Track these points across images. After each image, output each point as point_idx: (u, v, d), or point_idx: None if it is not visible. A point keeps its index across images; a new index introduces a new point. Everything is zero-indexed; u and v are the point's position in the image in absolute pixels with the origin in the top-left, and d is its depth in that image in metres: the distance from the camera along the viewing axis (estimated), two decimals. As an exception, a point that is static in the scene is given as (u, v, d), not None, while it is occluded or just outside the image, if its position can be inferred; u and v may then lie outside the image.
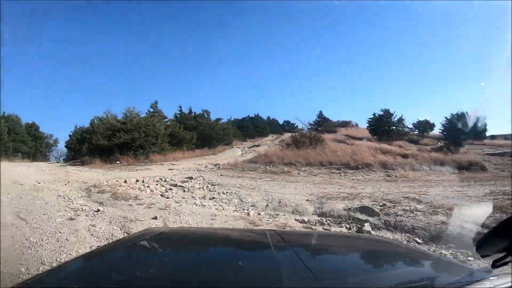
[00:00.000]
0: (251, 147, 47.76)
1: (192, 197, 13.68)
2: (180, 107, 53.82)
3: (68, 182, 16.91)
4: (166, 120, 43.12)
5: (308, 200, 12.20)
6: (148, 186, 16.29)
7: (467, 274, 1.85)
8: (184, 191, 15.18)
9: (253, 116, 73.23)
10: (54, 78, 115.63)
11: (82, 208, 10.85)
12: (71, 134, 68.82)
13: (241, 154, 39.80)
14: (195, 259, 2.17)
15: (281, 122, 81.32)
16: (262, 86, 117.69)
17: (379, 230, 8.99)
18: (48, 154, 76.79)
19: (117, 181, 17.57)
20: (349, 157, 25.16)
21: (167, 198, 13.26)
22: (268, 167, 24.12)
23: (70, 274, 1.76)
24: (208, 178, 19.26)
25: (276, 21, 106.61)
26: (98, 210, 10.47)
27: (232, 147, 50.33)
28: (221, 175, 21.10)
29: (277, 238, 2.56)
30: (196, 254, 2.39)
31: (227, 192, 14.22)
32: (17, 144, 60.73)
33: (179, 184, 17.00)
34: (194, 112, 54.22)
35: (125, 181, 17.52)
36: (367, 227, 8.93)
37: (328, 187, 15.73)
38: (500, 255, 1.40)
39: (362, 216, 9.99)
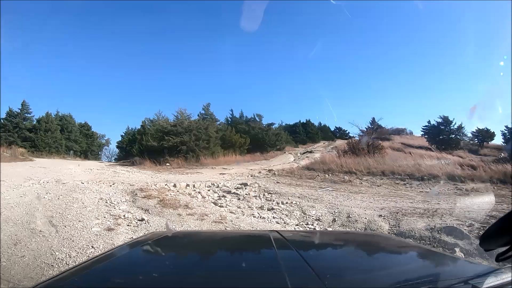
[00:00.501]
0: (304, 153, 45.75)
1: (249, 206, 12.21)
2: (232, 110, 53.28)
3: (113, 184, 15.82)
4: (218, 123, 42.01)
5: (380, 215, 10.50)
6: (199, 192, 14.83)
7: (471, 269, 2.06)
8: (239, 199, 13.68)
9: (305, 121, 71.13)
10: (108, 79, 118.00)
11: (124, 216, 9.58)
12: (123, 134, 72.52)
13: (294, 160, 37.93)
14: (199, 262, 2.17)
15: (332, 128, 78.71)
16: (312, 92, 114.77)
17: (472, 257, 7.02)
18: (100, 153, 79.03)
19: (166, 184, 16.28)
20: (412, 167, 22.94)
21: (220, 206, 11.95)
22: (327, 175, 22.19)
23: (75, 278, 1.74)
24: (264, 185, 17.62)
25: (332, 32, 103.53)
26: (142, 220, 9.20)
27: (284, 152, 48.31)
28: (277, 182, 19.31)
29: (280, 239, 2.58)
30: (200, 256, 2.39)
31: (286, 203, 12.65)
32: (69, 142, 62.72)
33: (233, 191, 15.49)
34: (246, 116, 53.30)
35: (175, 185, 16.14)
36: (458, 253, 7.23)
37: (398, 201, 13.59)
38: (504, 248, 1.33)
39: (449, 239, 7.90)
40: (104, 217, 9.33)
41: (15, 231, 7.58)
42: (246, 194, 14.69)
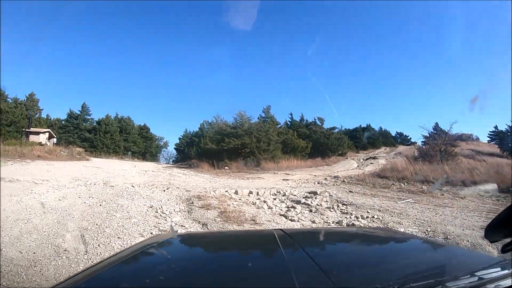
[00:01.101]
0: (367, 159, 42.65)
1: (325, 221, 9.80)
2: (291, 114, 51.26)
3: (167, 188, 13.88)
4: (278, 126, 39.94)
5: (483, 238, 7.78)
6: (264, 201, 12.57)
7: (477, 260, 1.96)
8: (311, 211, 11.26)
9: (365, 126, 67.89)
10: (168, 82, 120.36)
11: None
12: (181, 137, 73.82)
13: (358, 166, 34.93)
14: (204, 263, 2.06)
15: (393, 133, 74.64)
16: (373, 95, 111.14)
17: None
18: (157, 155, 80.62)
19: (226, 191, 14.16)
20: (496, 177, 19.73)
21: (291, 220, 9.60)
22: (402, 184, 19.55)
23: (81, 284, 1.64)
24: (335, 194, 15.18)
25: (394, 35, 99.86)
26: (200, 239, 6.93)
27: (346, 158, 45.31)
28: (349, 191, 16.80)
29: (285, 237, 2.52)
30: (205, 258, 2.33)
31: (367, 217, 10.39)
32: (128, 143, 64.47)
33: (302, 200, 13.08)
34: (306, 120, 51.16)
35: (236, 192, 14.06)
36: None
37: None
38: (509, 239, 1.31)
39: None
40: (151, 232, 7.34)
41: (35, 246, 5.88)
42: (317, 205, 12.28)
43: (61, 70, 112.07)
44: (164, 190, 13.39)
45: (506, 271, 1.48)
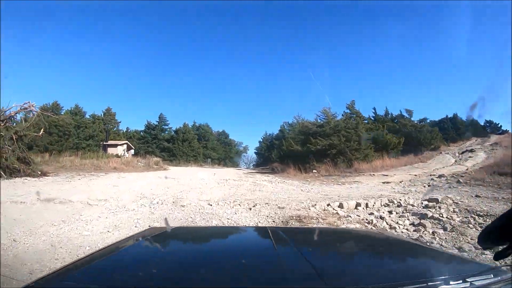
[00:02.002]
0: (462, 152, 37.74)
1: (476, 248, 6.57)
2: (375, 108, 47.32)
3: (254, 206, 10.70)
4: (366, 122, 36.72)
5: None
6: (381, 217, 9.39)
7: (470, 267, 2.02)
8: (446, 229, 7.97)
9: (451, 116, 62.02)
10: (244, 86, 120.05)
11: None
12: (261, 140, 73.43)
13: (455, 161, 30.34)
14: (197, 258, 2.10)
15: (482, 122, 67.56)
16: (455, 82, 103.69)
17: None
18: (237, 160, 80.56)
19: (328, 205, 10.97)
20: None
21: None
22: (540, 181, 15.82)
23: (74, 274, 1.70)
24: (460, 200, 11.54)
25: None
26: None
27: (440, 153, 40.30)
28: (476, 195, 12.81)
29: (279, 235, 2.67)
30: (198, 252, 2.39)
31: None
32: (207, 150, 64.44)
33: (424, 211, 9.83)
34: (391, 114, 47.49)
35: (341, 206, 10.87)
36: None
37: None
38: (503, 247, 1.33)
39: None
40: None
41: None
42: (447, 218, 9.13)
43: (136, 84, 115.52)
44: (250, 208, 10.34)
45: (497, 278, 1.51)
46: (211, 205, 10.67)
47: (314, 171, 26.16)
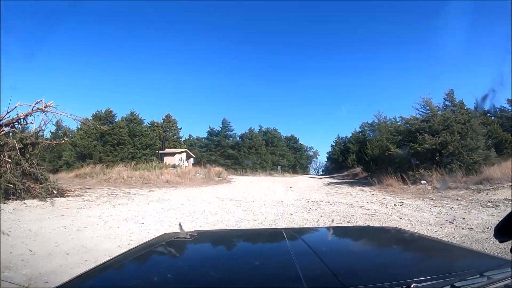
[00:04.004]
0: None
1: None
2: (462, 100, 39.71)
3: None
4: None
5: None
6: None
7: (487, 261, 2.00)
8: None
9: None
10: (313, 92, 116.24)
11: None
12: (333, 144, 68.63)
13: None
14: (212, 262, 2.08)
15: None
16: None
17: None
18: (308, 166, 76.22)
19: None
20: None
21: None
22: None
23: (89, 282, 1.66)
24: None
25: None
26: None
27: None
28: None
29: (294, 236, 2.62)
30: (213, 256, 2.34)
31: None
32: (276, 157, 59.24)
33: None
34: (493, 104, 39.30)
35: None
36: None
37: None
38: None
39: None
40: None
41: None
42: None
43: (199, 88, 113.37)
44: None
45: None
46: None
47: (422, 181, 19.91)
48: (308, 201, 14.70)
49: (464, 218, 10.15)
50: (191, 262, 2.09)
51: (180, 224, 7.57)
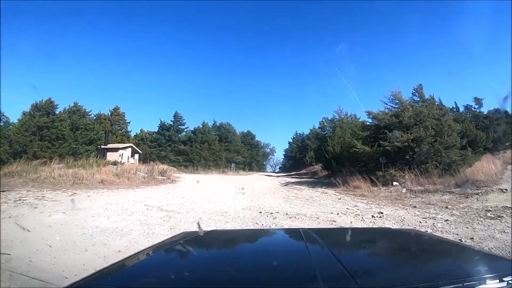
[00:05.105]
0: None
1: None
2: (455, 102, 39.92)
3: None
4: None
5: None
6: None
7: (507, 266, 1.82)
8: None
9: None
10: (267, 84, 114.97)
11: None
12: (291, 141, 68.09)
13: None
14: (230, 260, 2.13)
15: None
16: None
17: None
18: (264, 163, 74.90)
19: None
20: None
21: None
22: None
23: (108, 278, 1.69)
24: None
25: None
26: None
27: None
28: None
29: (311, 237, 2.56)
30: (231, 255, 2.38)
31: None
32: (230, 153, 56.75)
33: None
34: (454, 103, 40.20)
35: None
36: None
37: None
38: None
39: None
40: None
41: None
42: None
43: (151, 81, 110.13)
44: None
45: None
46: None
47: (394, 183, 17.34)
48: (260, 212, 11.37)
49: (472, 238, 7.40)
50: (209, 260, 2.11)
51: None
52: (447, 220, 9.61)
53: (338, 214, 10.97)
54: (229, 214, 10.91)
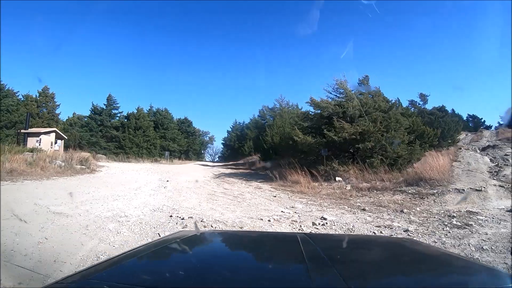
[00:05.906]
0: (484, 149, 28.58)
1: None
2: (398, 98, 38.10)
3: None
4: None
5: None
6: None
7: (501, 278, 1.83)
8: None
9: (439, 107, 54.36)
10: (208, 69, 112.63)
11: None
12: (230, 130, 65.99)
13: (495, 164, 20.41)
14: (225, 261, 2.08)
15: (464, 116, 59.23)
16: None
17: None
18: (202, 152, 73.39)
19: None
20: None
21: None
22: None
23: (103, 274, 1.64)
24: None
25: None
26: None
27: (460, 149, 31.59)
28: None
29: (308, 242, 2.50)
30: (227, 256, 2.35)
31: None
32: (166, 141, 53.61)
33: None
34: (397, 99, 38.00)
35: None
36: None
37: None
38: None
39: None
40: None
41: None
42: None
43: (85, 60, 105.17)
44: None
45: None
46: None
47: (337, 178, 15.58)
48: (171, 215, 8.86)
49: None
50: (203, 259, 2.02)
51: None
52: (406, 230, 7.77)
53: (269, 220, 8.65)
54: (129, 219, 8.27)
